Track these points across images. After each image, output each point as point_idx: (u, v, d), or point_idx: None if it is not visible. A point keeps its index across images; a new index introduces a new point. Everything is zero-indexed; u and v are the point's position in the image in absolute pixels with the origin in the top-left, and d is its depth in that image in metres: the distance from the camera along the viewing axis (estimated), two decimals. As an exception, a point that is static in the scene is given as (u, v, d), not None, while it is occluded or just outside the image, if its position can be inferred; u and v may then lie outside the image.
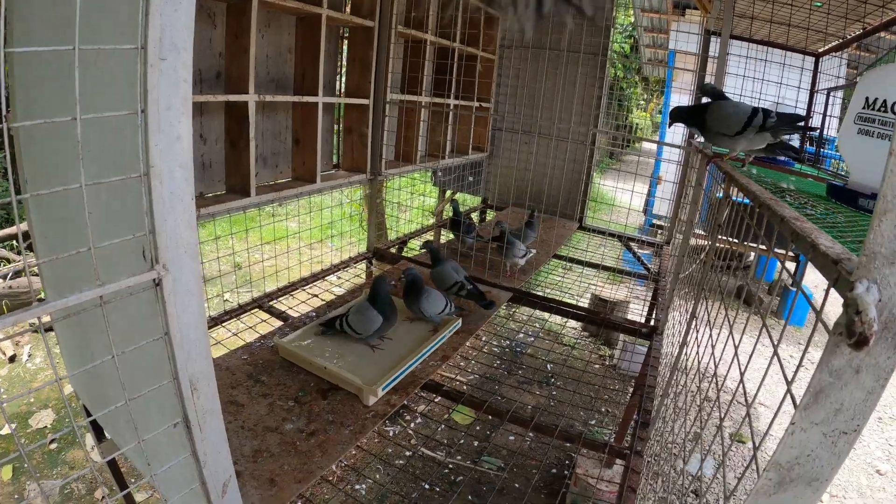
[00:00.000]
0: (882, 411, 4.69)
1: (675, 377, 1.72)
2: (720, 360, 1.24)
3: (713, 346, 1.33)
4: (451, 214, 3.59)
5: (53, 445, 3.37)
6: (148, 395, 1.05)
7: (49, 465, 3.21)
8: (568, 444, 2.11)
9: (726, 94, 2.01)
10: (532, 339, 5.11)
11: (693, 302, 1.67)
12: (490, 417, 2.30)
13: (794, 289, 6.22)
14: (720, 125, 1.84)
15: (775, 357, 0.85)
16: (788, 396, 0.76)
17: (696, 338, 1.59)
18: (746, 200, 1.51)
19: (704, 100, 1.98)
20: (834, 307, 0.64)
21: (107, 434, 1.96)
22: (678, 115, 2.00)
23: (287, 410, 1.85)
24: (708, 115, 1.84)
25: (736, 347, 1.11)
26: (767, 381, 4.69)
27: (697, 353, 1.52)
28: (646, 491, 1.88)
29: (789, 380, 0.77)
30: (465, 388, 4.14)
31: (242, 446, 1.68)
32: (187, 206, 0.93)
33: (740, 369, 1.04)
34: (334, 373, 1.96)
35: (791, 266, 6.36)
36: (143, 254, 0.93)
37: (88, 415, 1.68)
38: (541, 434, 1.94)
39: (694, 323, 1.59)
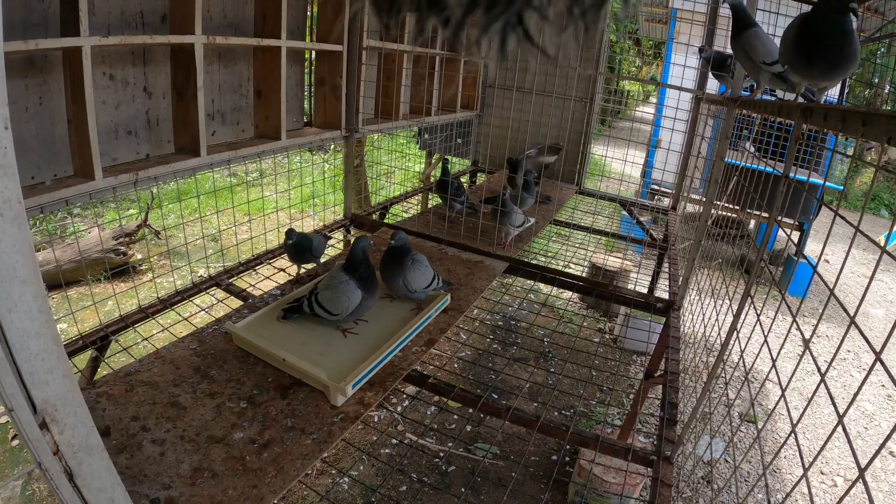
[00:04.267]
0: (893, 389, 4.43)
1: (720, 367, 1.39)
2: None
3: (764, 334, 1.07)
4: (438, 175, 3.18)
5: (15, 442, 3.06)
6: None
7: (11, 464, 2.90)
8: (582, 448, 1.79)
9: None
10: (526, 311, 4.81)
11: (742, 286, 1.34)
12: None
13: (798, 258, 5.97)
14: (762, 53, 1.54)
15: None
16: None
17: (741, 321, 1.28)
18: (754, 166, 1.23)
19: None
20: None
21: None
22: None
23: (238, 414, 1.52)
24: (751, 38, 1.52)
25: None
26: (765, 359, 4.44)
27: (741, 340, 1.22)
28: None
29: None
30: (455, 366, 3.85)
31: (180, 463, 1.35)
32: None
33: (813, 359, 0.94)
34: (295, 365, 1.61)
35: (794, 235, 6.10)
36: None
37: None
38: (549, 436, 1.62)
39: (743, 312, 1.27)
